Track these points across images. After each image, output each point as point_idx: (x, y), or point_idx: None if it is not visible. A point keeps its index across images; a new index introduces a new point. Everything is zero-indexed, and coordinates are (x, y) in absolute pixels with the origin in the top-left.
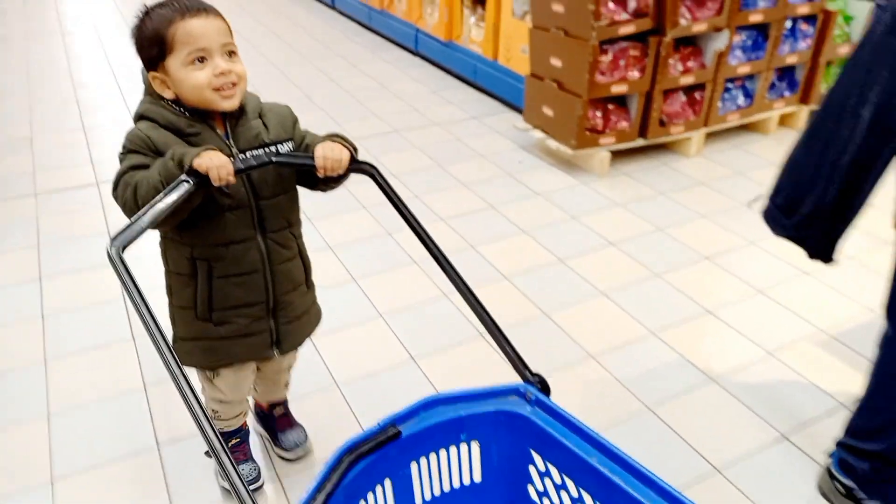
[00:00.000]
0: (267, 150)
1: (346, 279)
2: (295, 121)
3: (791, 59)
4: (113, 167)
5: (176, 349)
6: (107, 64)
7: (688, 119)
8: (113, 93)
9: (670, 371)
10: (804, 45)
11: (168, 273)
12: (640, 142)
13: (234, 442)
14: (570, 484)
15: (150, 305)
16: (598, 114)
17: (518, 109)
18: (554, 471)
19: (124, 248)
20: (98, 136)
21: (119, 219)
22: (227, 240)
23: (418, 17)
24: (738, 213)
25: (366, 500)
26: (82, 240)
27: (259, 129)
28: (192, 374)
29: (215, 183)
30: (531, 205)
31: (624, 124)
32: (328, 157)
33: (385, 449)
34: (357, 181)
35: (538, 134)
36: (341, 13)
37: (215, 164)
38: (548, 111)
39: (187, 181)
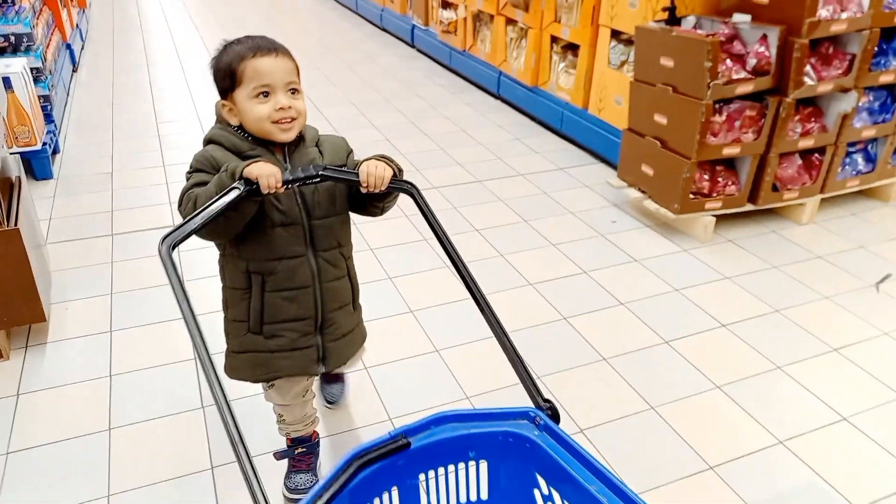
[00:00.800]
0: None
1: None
2: (349, 151)
3: None
4: None
5: (227, 364)
6: (189, 99)
7: (803, 184)
8: (194, 127)
9: (801, 491)
10: None
11: (224, 288)
12: (748, 207)
13: (300, 450)
14: None
15: (190, 301)
16: (706, 176)
17: (609, 163)
18: (556, 496)
19: (174, 247)
20: (178, 174)
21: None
22: (280, 255)
23: (502, 61)
24: (865, 295)
25: None
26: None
27: (314, 156)
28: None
29: (264, 190)
30: (628, 272)
31: (732, 188)
32: (371, 173)
33: (394, 458)
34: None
35: (634, 193)
36: (421, 52)
37: (264, 172)
38: (647, 170)
39: (237, 187)
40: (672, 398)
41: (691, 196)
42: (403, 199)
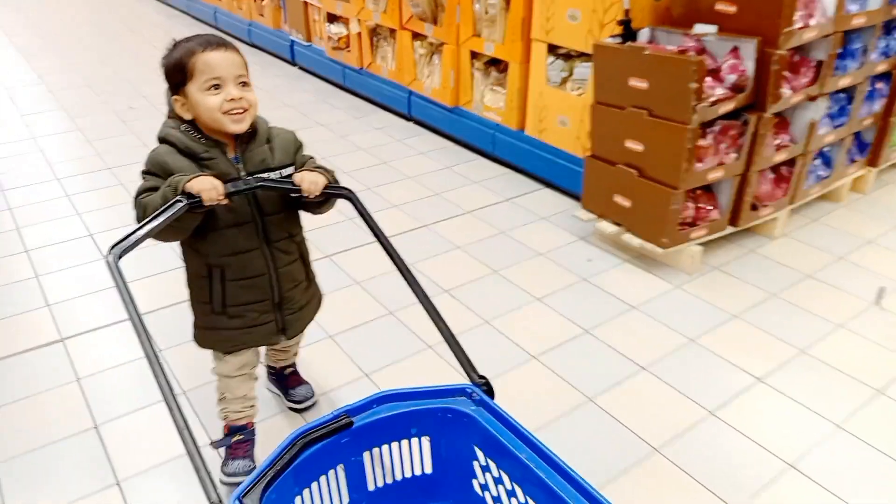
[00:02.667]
0: (268, 174)
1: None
2: (299, 146)
3: (867, 122)
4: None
5: (197, 335)
6: (37, 151)
7: (776, 199)
8: (54, 193)
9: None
10: (878, 105)
11: (188, 273)
12: (728, 230)
13: (238, 438)
14: (505, 479)
15: (139, 309)
16: (689, 204)
17: (557, 188)
18: (493, 466)
19: (120, 256)
20: (49, 264)
21: None
22: (235, 250)
23: (412, 80)
24: (873, 316)
25: (318, 483)
26: None
27: (266, 155)
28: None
29: (206, 203)
30: (631, 323)
31: (715, 213)
32: (305, 178)
33: (337, 437)
34: None
35: (606, 226)
36: (305, 70)
37: (206, 187)
38: (622, 201)
39: (180, 200)
40: (750, 489)
41: (677, 227)
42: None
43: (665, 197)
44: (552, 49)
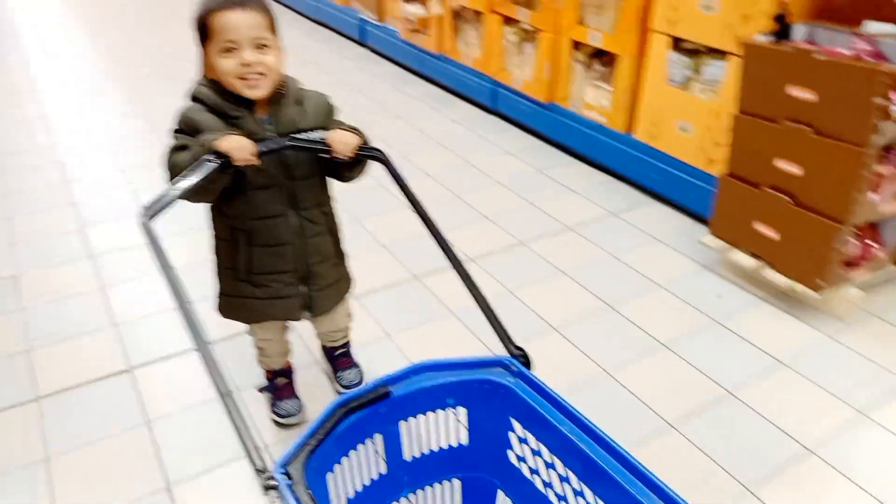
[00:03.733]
0: (297, 135)
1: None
2: (331, 110)
3: None
4: None
5: (220, 304)
6: (105, 133)
7: None
8: (119, 185)
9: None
10: None
11: (214, 237)
12: (893, 269)
13: (280, 381)
14: (544, 451)
15: (175, 271)
16: (853, 240)
17: (670, 202)
18: (531, 438)
19: (152, 217)
20: (114, 266)
21: None
22: (262, 214)
23: (499, 70)
24: None
25: (356, 451)
26: None
27: (296, 116)
28: None
29: (236, 163)
30: (782, 384)
31: (880, 252)
32: (337, 139)
33: (375, 406)
34: None
35: (743, 259)
36: (376, 52)
37: (234, 146)
38: (767, 231)
39: (209, 160)
40: None
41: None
42: None
43: (827, 232)
44: (675, 43)
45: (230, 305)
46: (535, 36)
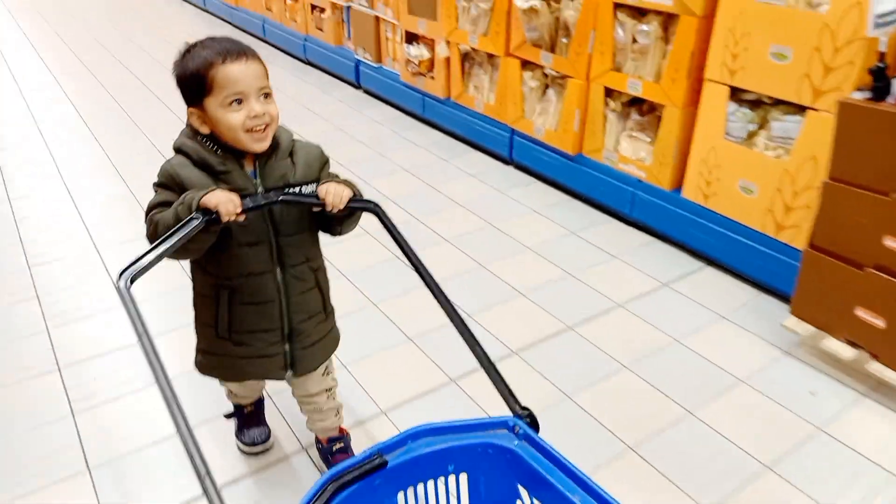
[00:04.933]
0: (288, 190)
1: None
2: (324, 163)
3: None
4: None
5: (198, 360)
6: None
7: None
8: (69, 214)
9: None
10: None
11: (195, 292)
12: None
13: (248, 408)
14: None
15: (152, 338)
16: None
17: (727, 269)
18: None
19: (132, 281)
20: (60, 312)
21: None
22: (247, 271)
23: (518, 118)
24: None
25: None
26: None
27: (286, 170)
28: None
29: (224, 218)
30: None
31: None
32: (329, 191)
33: (370, 478)
34: None
35: (841, 349)
36: (372, 95)
37: (223, 200)
38: (871, 319)
39: (196, 217)
40: None
41: None
42: None
43: None
44: (733, 93)
45: (206, 363)
46: (559, 82)
